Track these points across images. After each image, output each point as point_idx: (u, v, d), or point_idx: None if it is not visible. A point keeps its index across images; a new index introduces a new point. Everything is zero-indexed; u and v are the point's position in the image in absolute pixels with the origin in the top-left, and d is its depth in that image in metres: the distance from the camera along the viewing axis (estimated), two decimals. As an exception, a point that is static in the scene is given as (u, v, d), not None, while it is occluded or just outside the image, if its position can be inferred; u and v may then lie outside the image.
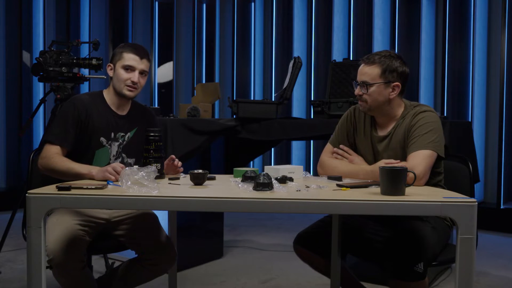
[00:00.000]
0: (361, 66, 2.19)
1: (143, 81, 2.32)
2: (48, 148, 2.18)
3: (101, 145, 2.27)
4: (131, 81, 2.26)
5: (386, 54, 2.16)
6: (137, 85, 2.28)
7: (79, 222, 2.10)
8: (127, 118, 2.35)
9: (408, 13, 5.48)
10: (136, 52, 2.28)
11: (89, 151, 2.25)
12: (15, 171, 5.78)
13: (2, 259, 3.53)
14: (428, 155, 2.03)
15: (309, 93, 6.12)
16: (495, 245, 4.28)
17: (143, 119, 2.40)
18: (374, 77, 2.13)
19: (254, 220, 5.06)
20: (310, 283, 3.17)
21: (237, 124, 3.38)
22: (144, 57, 2.30)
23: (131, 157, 2.35)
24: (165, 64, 6.56)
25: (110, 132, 2.29)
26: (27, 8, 5.87)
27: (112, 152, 2.29)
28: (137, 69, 2.27)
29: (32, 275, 1.64)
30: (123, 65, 2.27)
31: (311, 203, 1.61)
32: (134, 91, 2.29)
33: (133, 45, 2.33)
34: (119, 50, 2.31)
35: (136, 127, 2.36)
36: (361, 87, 2.16)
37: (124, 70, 2.27)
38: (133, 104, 2.40)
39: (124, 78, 2.27)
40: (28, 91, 5.89)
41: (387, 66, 2.13)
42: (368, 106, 2.16)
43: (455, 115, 5.19)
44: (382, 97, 2.14)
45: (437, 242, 2.06)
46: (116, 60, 2.30)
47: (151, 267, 2.23)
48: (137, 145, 2.32)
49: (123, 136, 2.33)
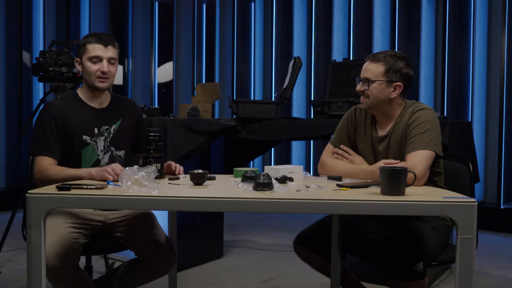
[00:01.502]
0: (366, 62, 2.19)
1: (114, 69, 2.25)
2: (39, 161, 2.14)
3: (85, 143, 2.23)
4: (100, 71, 2.20)
5: (392, 53, 2.17)
6: (108, 74, 2.22)
7: (73, 225, 2.09)
8: (108, 111, 2.30)
9: (408, 13, 5.48)
10: (100, 41, 2.20)
11: (75, 152, 2.22)
12: (15, 171, 5.78)
13: (2, 259, 3.53)
14: (427, 155, 2.03)
15: (309, 93, 6.12)
16: (495, 245, 4.28)
17: (126, 109, 2.36)
18: (377, 75, 2.14)
19: (254, 220, 5.06)
20: (310, 283, 3.17)
21: (237, 124, 3.38)
22: (109, 44, 2.21)
23: (120, 150, 2.31)
24: (165, 64, 6.56)
25: (92, 128, 2.24)
26: (27, 8, 5.88)
27: (99, 148, 2.25)
28: (104, 58, 2.20)
29: (32, 275, 1.64)
30: (89, 56, 2.20)
31: (311, 203, 1.61)
32: (106, 81, 2.23)
33: (96, 34, 2.24)
34: (82, 42, 2.24)
35: (121, 119, 2.32)
36: (363, 83, 2.17)
37: (91, 62, 2.20)
38: (113, 97, 2.35)
39: (93, 70, 2.20)
40: (28, 91, 5.89)
41: (391, 66, 2.13)
42: (369, 103, 2.16)
43: (455, 115, 5.19)
44: (383, 95, 2.14)
45: (437, 242, 2.06)
46: (81, 54, 2.23)
47: (151, 268, 2.22)
48: (124, 136, 2.30)
49: (108, 129, 2.28)
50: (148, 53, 6.45)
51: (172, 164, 2.22)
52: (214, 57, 6.59)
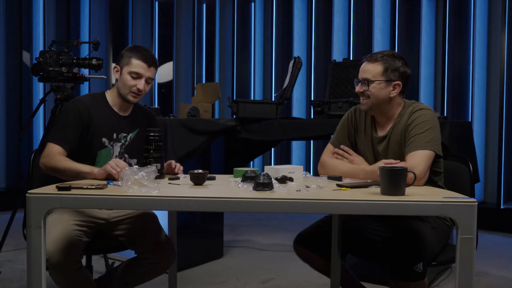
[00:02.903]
0: (363, 63, 2.20)
1: (148, 88, 2.32)
2: (50, 147, 2.17)
3: (103, 145, 2.27)
4: (136, 88, 2.26)
5: (389, 53, 2.18)
6: (142, 92, 2.29)
7: (77, 222, 2.10)
8: (129, 119, 2.36)
9: (408, 13, 5.48)
10: (145, 60, 2.26)
11: (91, 152, 2.25)
12: (15, 171, 5.78)
13: (2, 259, 3.53)
14: (427, 155, 2.04)
15: (309, 93, 6.12)
16: (495, 245, 4.28)
17: (144, 120, 2.41)
18: (375, 75, 2.15)
19: (254, 220, 5.06)
20: (310, 283, 3.17)
21: (237, 124, 3.38)
22: (152, 65, 2.29)
23: (133, 158, 2.36)
24: (165, 64, 6.56)
25: (112, 133, 2.29)
26: (27, 8, 5.88)
27: (114, 153, 2.30)
28: (144, 76, 2.27)
29: (32, 275, 1.64)
30: (130, 71, 2.26)
31: (311, 203, 1.61)
32: (138, 97, 2.30)
33: (142, 51, 2.29)
34: (127, 54, 2.28)
35: (138, 128, 2.37)
36: (362, 84, 2.17)
37: (130, 76, 2.26)
38: (135, 105, 2.41)
39: (130, 85, 2.26)
40: (28, 91, 5.89)
41: (389, 65, 2.14)
42: (370, 103, 2.17)
43: (455, 115, 5.19)
44: (382, 95, 2.15)
45: (437, 242, 2.06)
46: (123, 64, 2.28)
47: (151, 266, 2.23)
48: (139, 146, 2.33)
49: (125, 137, 2.34)
50: (148, 53, 6.44)
51: (172, 162, 2.24)
52: (214, 57, 6.59)
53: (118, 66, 2.30)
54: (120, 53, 2.33)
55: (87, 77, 3.34)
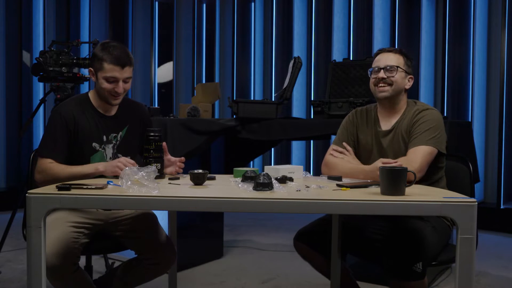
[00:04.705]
0: (383, 53, 2.28)
1: (128, 86, 2.22)
2: (43, 162, 2.13)
3: (94, 150, 2.22)
4: (115, 91, 2.18)
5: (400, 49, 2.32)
6: (122, 93, 2.21)
7: (74, 224, 2.09)
8: (116, 118, 2.30)
9: (408, 13, 5.48)
10: (117, 62, 2.14)
11: (84, 159, 2.20)
12: (15, 171, 5.78)
13: (2, 259, 3.53)
14: (427, 151, 2.08)
15: (309, 93, 6.12)
16: (495, 245, 4.28)
17: (133, 115, 2.35)
18: (400, 64, 2.25)
19: (254, 220, 5.06)
20: (310, 283, 3.17)
21: (237, 124, 3.38)
22: (126, 64, 2.17)
23: (127, 155, 2.30)
24: (165, 64, 6.56)
25: (101, 135, 2.24)
26: (27, 8, 5.88)
27: (107, 155, 2.26)
28: (120, 79, 2.17)
29: (32, 275, 1.63)
30: (104, 76, 2.16)
31: (311, 203, 1.61)
32: (119, 98, 2.22)
33: (113, 52, 2.15)
34: (99, 56, 2.16)
35: (127, 125, 2.32)
36: (385, 71, 2.22)
37: (106, 81, 2.17)
38: (123, 101, 2.31)
39: (108, 89, 2.18)
40: (28, 91, 5.90)
41: (407, 59, 2.27)
42: (391, 90, 2.22)
43: (455, 115, 5.19)
44: (402, 84, 2.25)
45: (437, 242, 2.06)
46: (97, 69, 2.18)
47: (151, 266, 2.23)
48: (131, 142, 2.30)
49: (116, 137, 2.28)
50: (148, 53, 6.45)
51: (171, 158, 2.23)
52: (214, 57, 6.59)
53: (92, 69, 2.21)
54: (92, 53, 2.22)
55: (87, 77, 3.33)
